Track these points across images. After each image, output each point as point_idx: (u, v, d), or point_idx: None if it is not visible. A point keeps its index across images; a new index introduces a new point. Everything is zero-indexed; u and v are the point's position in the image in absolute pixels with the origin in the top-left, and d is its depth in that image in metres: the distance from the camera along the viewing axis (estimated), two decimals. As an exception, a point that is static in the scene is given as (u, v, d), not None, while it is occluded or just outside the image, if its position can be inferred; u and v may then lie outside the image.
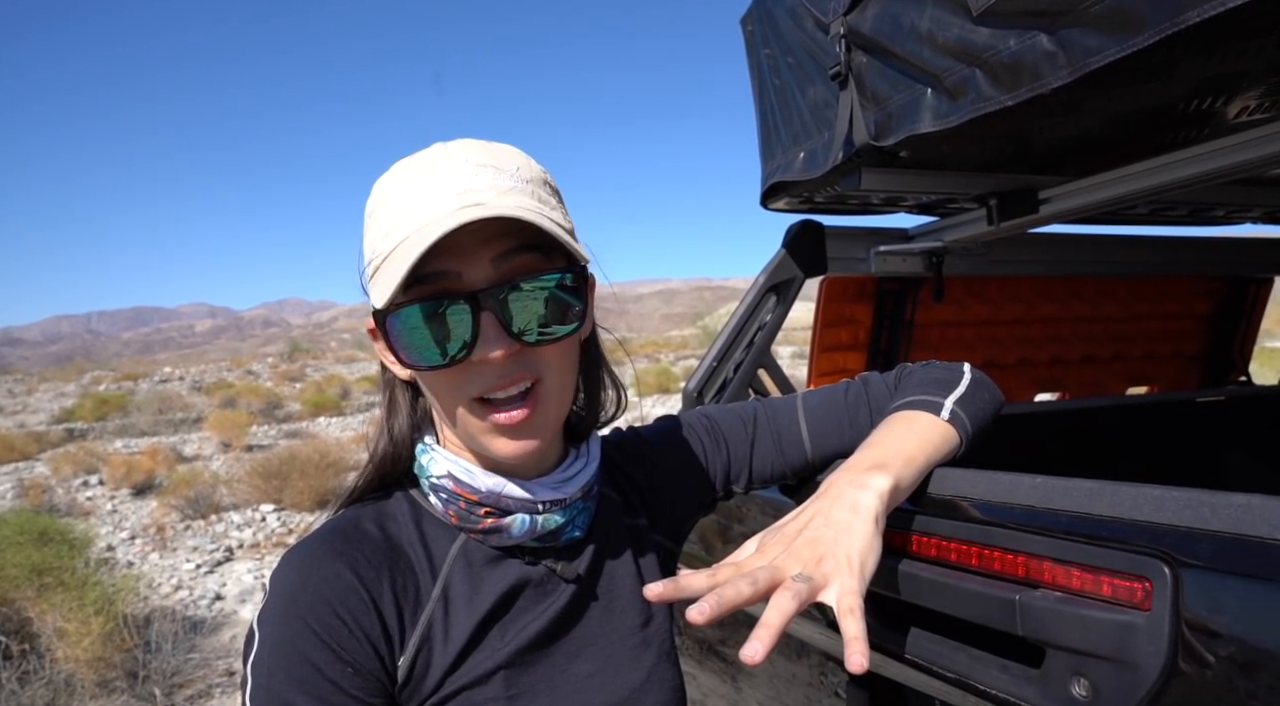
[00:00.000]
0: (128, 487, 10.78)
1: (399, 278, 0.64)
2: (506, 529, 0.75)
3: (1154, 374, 2.62)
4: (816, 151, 1.47)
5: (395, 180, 0.71)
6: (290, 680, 0.66)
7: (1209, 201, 1.92)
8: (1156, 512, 0.65)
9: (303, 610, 0.67)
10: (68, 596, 4.51)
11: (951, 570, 0.82)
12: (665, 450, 0.96)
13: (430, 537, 0.76)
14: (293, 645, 0.67)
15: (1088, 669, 0.67)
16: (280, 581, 0.70)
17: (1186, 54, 1.01)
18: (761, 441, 0.98)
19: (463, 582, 0.75)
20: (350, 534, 0.73)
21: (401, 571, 0.73)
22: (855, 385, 1.04)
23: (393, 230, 0.68)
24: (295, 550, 0.72)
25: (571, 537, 0.80)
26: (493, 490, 0.74)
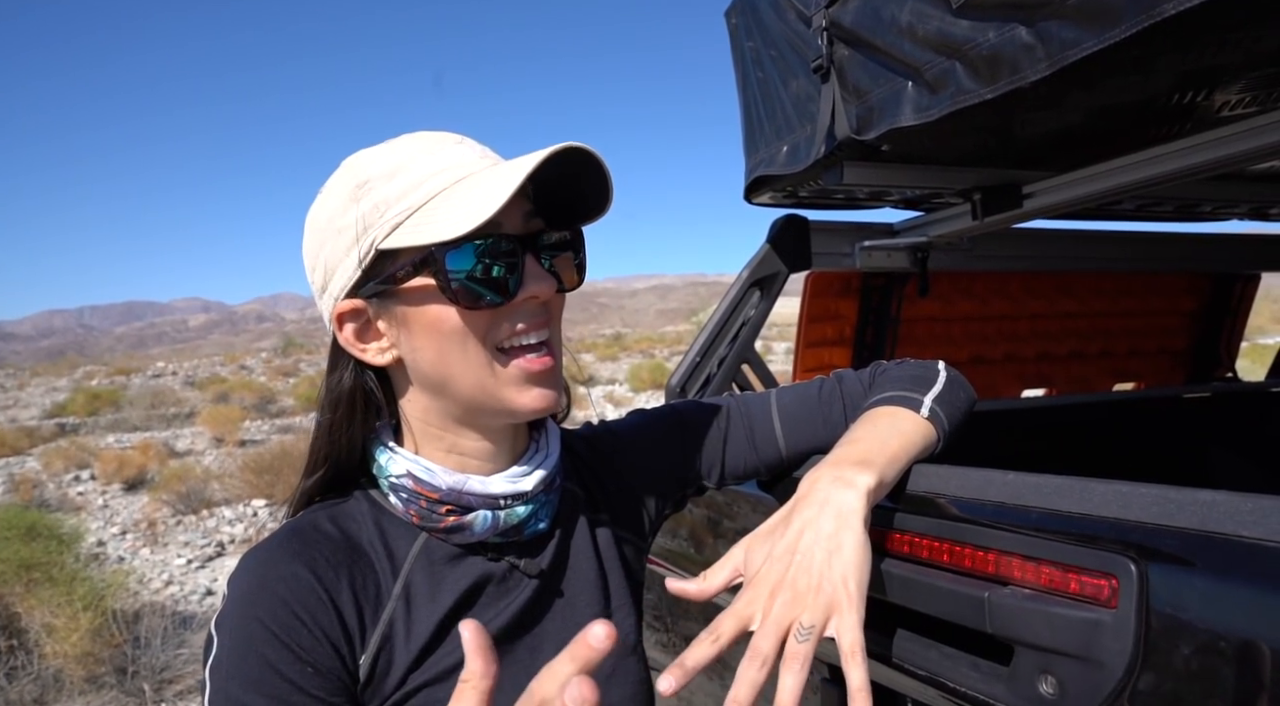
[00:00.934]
0: (119, 483, 10.75)
1: (486, 210, 0.65)
2: (469, 526, 0.75)
3: (1141, 370, 2.62)
4: (799, 145, 1.46)
5: (396, 151, 0.73)
6: (248, 681, 0.65)
7: (1195, 197, 1.92)
8: (1124, 509, 0.64)
9: (260, 611, 0.67)
10: (56, 592, 4.49)
11: (922, 567, 0.81)
12: (634, 444, 0.95)
13: (391, 537, 0.76)
14: (250, 646, 0.66)
15: (1055, 666, 0.66)
16: (237, 584, 0.69)
17: (1165, 47, 1.00)
18: (734, 437, 0.98)
19: (424, 580, 0.74)
20: (308, 534, 0.73)
21: (361, 570, 0.73)
22: (829, 382, 1.03)
23: (425, 182, 0.70)
24: (252, 552, 0.72)
25: (536, 530, 0.79)
26: (454, 488, 0.74)
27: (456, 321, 0.70)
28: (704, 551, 1.58)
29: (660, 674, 0.63)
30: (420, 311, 0.71)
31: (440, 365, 0.73)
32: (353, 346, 0.75)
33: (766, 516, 0.78)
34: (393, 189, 0.70)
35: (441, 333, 0.71)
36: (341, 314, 0.74)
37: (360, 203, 0.71)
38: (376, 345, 0.75)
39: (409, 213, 0.69)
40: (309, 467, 0.78)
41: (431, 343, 0.72)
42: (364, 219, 0.71)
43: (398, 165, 0.71)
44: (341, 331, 0.75)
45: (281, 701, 0.65)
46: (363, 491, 0.78)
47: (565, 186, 0.74)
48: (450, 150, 0.73)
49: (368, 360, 0.75)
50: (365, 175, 0.72)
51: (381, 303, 0.73)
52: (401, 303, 0.72)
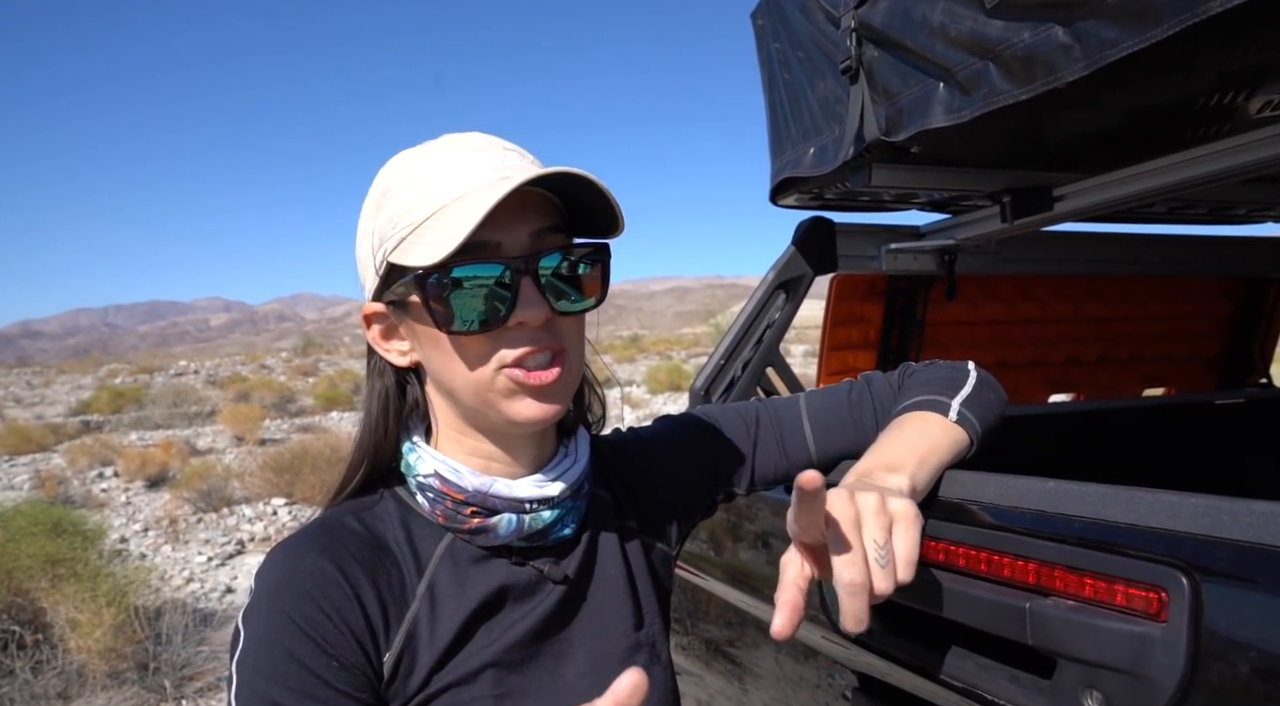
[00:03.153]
0: (141, 480, 10.88)
1: (462, 232, 0.64)
2: (493, 529, 0.74)
3: (1171, 376, 2.58)
4: (827, 147, 1.44)
5: (419, 159, 0.73)
6: (274, 675, 0.65)
7: (1229, 200, 1.89)
8: (1174, 520, 0.63)
9: (286, 605, 0.67)
10: (80, 587, 4.54)
11: (959, 576, 0.80)
12: (662, 451, 0.95)
13: (417, 536, 0.76)
14: (276, 640, 0.66)
15: (1100, 681, 0.64)
16: (264, 578, 0.69)
17: (1207, 47, 0.98)
18: (764, 442, 0.97)
19: (449, 581, 0.74)
20: (334, 530, 0.73)
21: (386, 568, 0.73)
22: (858, 385, 1.02)
23: (431, 196, 0.70)
24: (279, 547, 0.72)
25: (561, 536, 0.79)
26: (479, 490, 0.74)
27: (453, 341, 0.71)
28: (724, 554, 1.57)
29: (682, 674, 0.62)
30: (423, 326, 0.73)
31: (445, 376, 0.74)
32: (379, 345, 0.77)
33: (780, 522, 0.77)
34: (404, 201, 0.71)
35: (442, 348, 0.72)
36: (368, 315, 0.77)
37: (381, 212, 0.73)
38: (398, 347, 0.77)
39: (412, 228, 0.70)
40: (352, 461, 0.78)
41: (435, 354, 0.73)
42: (380, 229, 0.72)
43: (415, 175, 0.72)
44: (369, 331, 0.77)
45: (306, 695, 0.65)
46: (390, 490, 0.79)
47: (587, 202, 0.73)
48: (466, 160, 0.72)
49: (389, 360, 0.77)
50: (389, 183, 0.73)
51: (397, 310, 0.75)
52: (410, 315, 0.74)
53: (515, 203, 0.67)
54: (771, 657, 1.46)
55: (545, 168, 0.68)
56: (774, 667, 1.45)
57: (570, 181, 0.69)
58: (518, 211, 0.69)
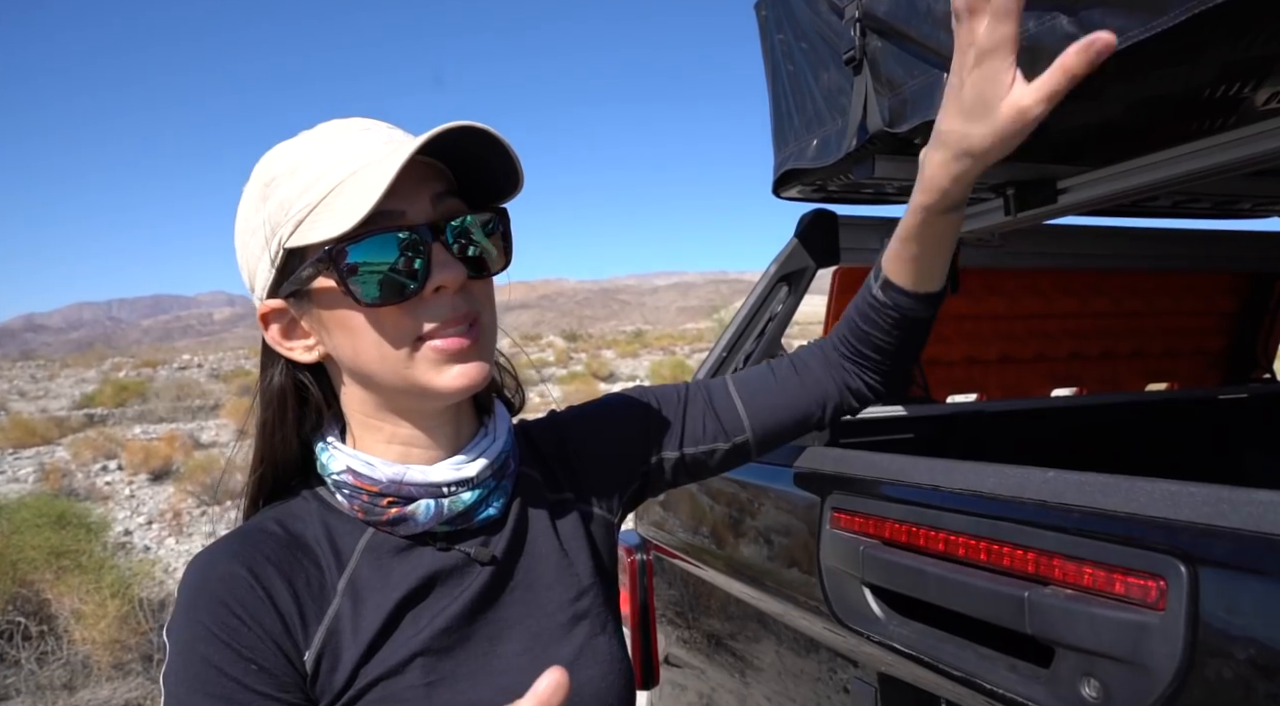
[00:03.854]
0: (145, 473, 10.92)
1: (371, 198, 0.63)
2: (411, 516, 0.74)
3: (1174, 371, 2.57)
4: (830, 138, 1.44)
5: (301, 145, 0.72)
6: (195, 683, 0.66)
7: (1234, 193, 1.88)
8: (1173, 509, 0.62)
9: (201, 613, 0.67)
10: (85, 579, 4.57)
11: (959, 565, 0.80)
12: (596, 421, 0.95)
13: (337, 533, 0.75)
14: (193, 649, 0.66)
15: (1098, 669, 0.64)
16: (183, 589, 0.70)
17: (1214, 37, 0.98)
18: (693, 402, 0.98)
19: (371, 574, 0.74)
20: (250, 535, 0.72)
21: (305, 567, 0.72)
22: (780, 358, 1.07)
23: (323, 177, 0.68)
24: (196, 557, 0.72)
25: (487, 516, 0.78)
26: (393, 479, 0.73)
27: (366, 319, 0.70)
28: (725, 547, 1.57)
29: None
30: (330, 309, 0.71)
31: (360, 360, 0.72)
32: (279, 345, 0.74)
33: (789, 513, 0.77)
34: (295, 185, 0.69)
35: (353, 329, 0.70)
36: (265, 314, 0.74)
37: (268, 202, 0.71)
38: (302, 343, 0.75)
39: (309, 209, 0.68)
40: (251, 468, 0.78)
41: (346, 340, 0.71)
42: (270, 219, 0.70)
43: (300, 160, 0.71)
44: (267, 331, 0.74)
45: (228, 700, 0.65)
46: (310, 490, 0.78)
47: (486, 170, 0.73)
48: (354, 138, 0.71)
49: (295, 358, 0.75)
50: (271, 173, 0.72)
51: (298, 302, 0.73)
52: (314, 303, 0.72)
53: (412, 171, 0.67)
54: (773, 651, 1.46)
55: (439, 127, 0.66)
56: (775, 661, 1.45)
57: (465, 143, 0.68)
58: (417, 179, 0.69)
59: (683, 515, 1.69)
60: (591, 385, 18.52)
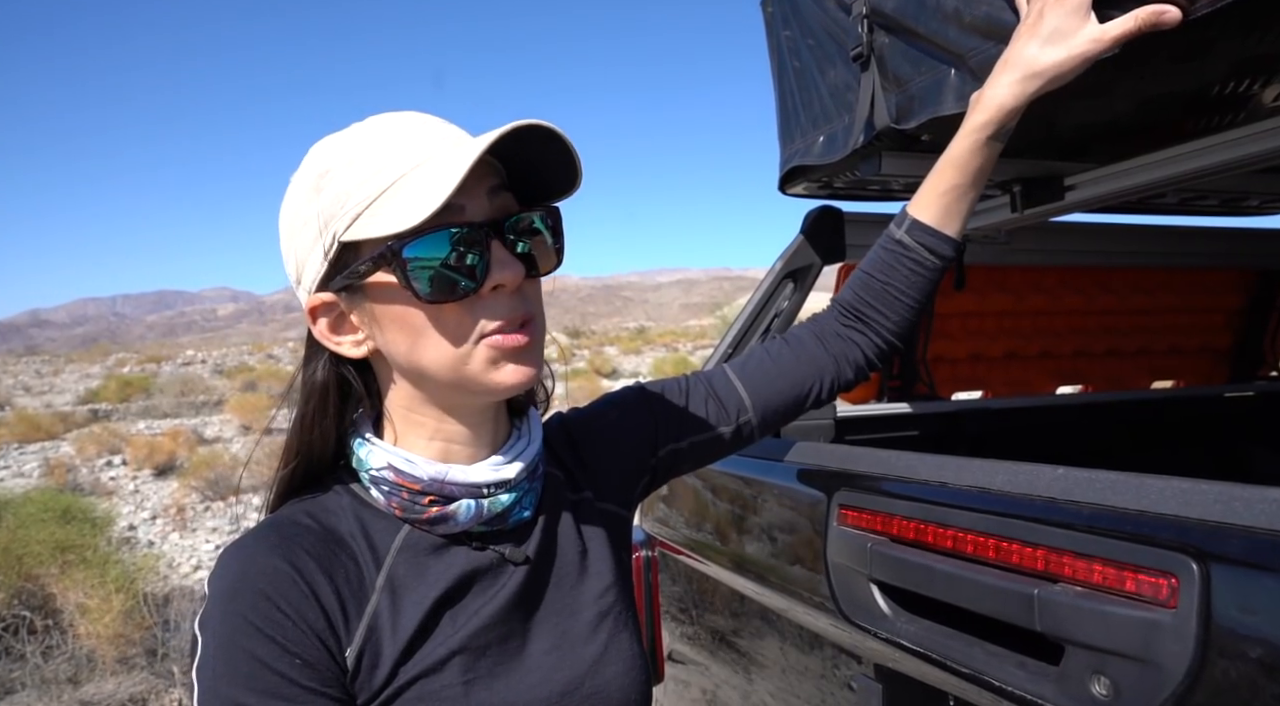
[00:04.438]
0: (149, 468, 10.95)
1: (441, 194, 0.63)
2: (452, 516, 0.73)
3: (1181, 368, 2.56)
4: (836, 135, 1.43)
5: (356, 138, 0.71)
6: (237, 678, 0.64)
7: (1242, 190, 1.87)
8: (1185, 507, 0.62)
9: (242, 607, 0.66)
10: (90, 574, 4.58)
11: (967, 562, 0.79)
12: (606, 417, 0.96)
13: (373, 530, 0.74)
14: (235, 643, 0.65)
15: (1109, 667, 0.64)
16: (217, 582, 0.68)
17: (1225, 32, 0.97)
18: (695, 391, 1.00)
19: (408, 572, 0.73)
20: (285, 528, 0.71)
21: (343, 562, 0.71)
22: (772, 339, 1.08)
23: (383, 171, 0.68)
24: (229, 549, 0.70)
25: (520, 518, 0.78)
26: (435, 478, 0.73)
27: (424, 316, 0.69)
28: (731, 543, 1.57)
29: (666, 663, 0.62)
30: (388, 305, 0.70)
31: (414, 356, 0.71)
32: (328, 340, 0.73)
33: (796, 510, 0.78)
34: (352, 178, 0.68)
35: (411, 326, 0.70)
36: (314, 308, 0.73)
37: (322, 194, 0.70)
38: (351, 338, 0.74)
39: (367, 202, 0.67)
40: (283, 460, 0.76)
41: (402, 336, 0.71)
42: (325, 211, 0.69)
43: (357, 152, 0.70)
44: (315, 324, 0.73)
45: (273, 695, 0.64)
46: (343, 485, 0.77)
47: (536, 168, 0.73)
48: (412, 132, 0.71)
49: (343, 353, 0.74)
50: (326, 165, 0.71)
51: (350, 296, 0.72)
52: (368, 297, 0.71)
53: (470, 170, 0.66)
54: (777, 647, 1.46)
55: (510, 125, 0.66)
56: (779, 657, 1.46)
57: (523, 139, 0.67)
58: (474, 175, 0.68)
59: (688, 511, 1.69)
60: (594, 382, 18.52)
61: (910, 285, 0.99)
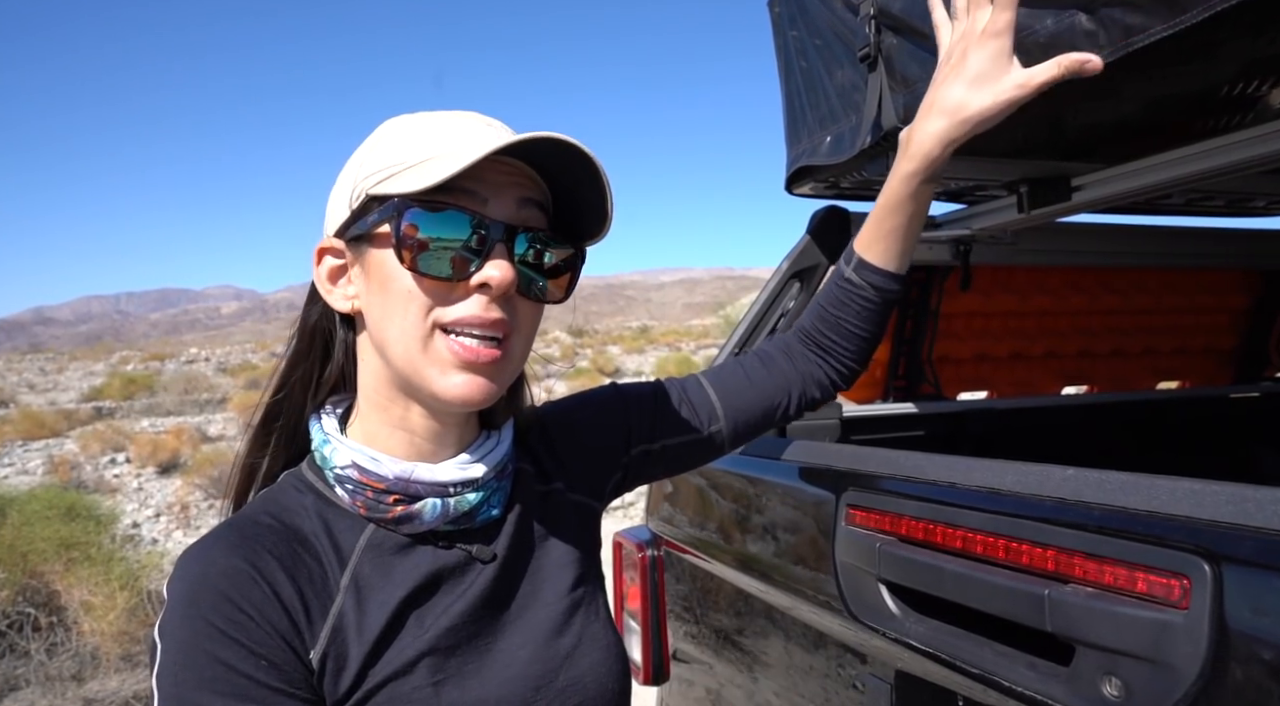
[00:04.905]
0: (153, 466, 10.97)
1: (461, 163, 0.64)
2: (418, 515, 0.73)
3: (1185, 369, 2.56)
4: (843, 135, 1.43)
5: (421, 119, 0.74)
6: (201, 682, 0.63)
7: (1248, 191, 1.87)
8: (1197, 508, 0.62)
9: (204, 609, 0.65)
10: (94, 571, 4.59)
11: (977, 563, 0.80)
12: (578, 412, 0.97)
13: (336, 529, 0.73)
14: (198, 646, 0.64)
15: (1120, 668, 0.64)
16: (176, 585, 0.67)
17: (1234, 33, 0.97)
18: (669, 396, 1.02)
19: (374, 572, 0.72)
20: (245, 528, 0.71)
21: (306, 562, 0.71)
22: (746, 353, 1.13)
23: (428, 145, 0.70)
24: (189, 552, 0.70)
25: (489, 517, 0.78)
26: (400, 477, 0.72)
27: (404, 282, 0.70)
28: (737, 543, 1.57)
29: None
30: (380, 261, 0.71)
31: (382, 324, 0.72)
32: (322, 284, 0.76)
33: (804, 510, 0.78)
34: (398, 146, 0.71)
35: (389, 290, 0.70)
36: (323, 249, 0.75)
37: (370, 154, 0.73)
38: (342, 291, 0.75)
39: (403, 167, 0.70)
40: (269, 402, 0.79)
41: (380, 298, 0.72)
42: (365, 167, 0.72)
43: (413, 129, 0.72)
44: (318, 265, 0.76)
45: (240, 697, 0.63)
46: (305, 484, 0.76)
47: (573, 203, 0.74)
48: (472, 127, 0.72)
49: (331, 302, 0.76)
50: (385, 134, 0.74)
51: (357, 247, 0.74)
52: (370, 246, 0.72)
53: (508, 170, 0.69)
54: (782, 646, 1.46)
55: (546, 132, 0.67)
56: (784, 656, 1.46)
57: (568, 169, 0.69)
58: (509, 179, 0.70)
59: (694, 511, 1.69)
60: (597, 381, 18.54)
61: (862, 318, 1.03)
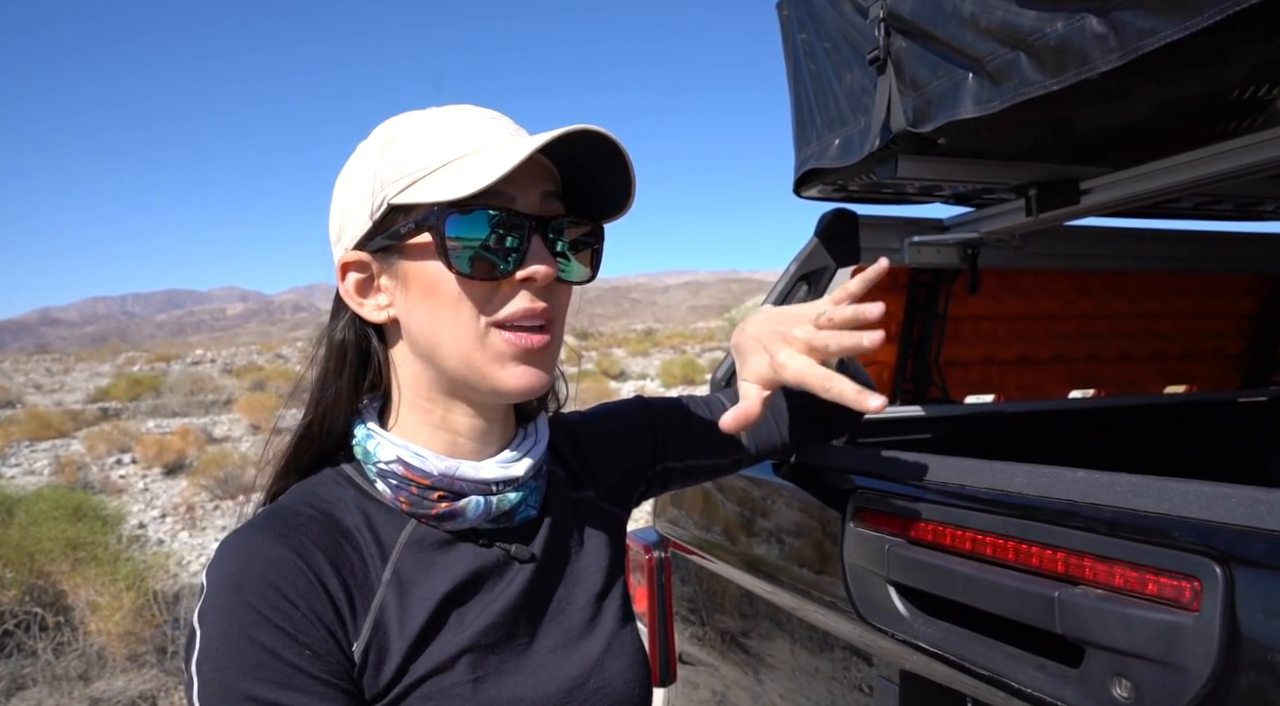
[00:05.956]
0: (159, 467, 11.00)
1: (495, 172, 0.64)
2: (461, 512, 0.73)
3: (1193, 373, 2.55)
4: (852, 138, 1.44)
5: (427, 117, 0.74)
6: (245, 668, 0.62)
7: (1257, 195, 1.86)
8: (1207, 510, 0.62)
9: (248, 597, 0.64)
10: (100, 571, 4.60)
11: (986, 564, 0.80)
12: (609, 423, 0.98)
13: (378, 523, 0.73)
14: (242, 633, 0.63)
15: (1130, 670, 0.64)
16: (219, 571, 0.66)
17: (1245, 37, 0.97)
18: (695, 416, 1.04)
19: (415, 567, 0.72)
20: (289, 518, 0.70)
21: (349, 555, 0.70)
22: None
23: (445, 148, 0.70)
24: (231, 539, 0.69)
25: (526, 517, 0.78)
26: (445, 473, 0.73)
27: (452, 288, 0.70)
28: (745, 545, 1.57)
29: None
30: (420, 271, 0.71)
31: (430, 331, 0.72)
32: (351, 298, 0.74)
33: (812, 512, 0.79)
34: (417, 148, 0.71)
35: (436, 296, 0.70)
36: (347, 264, 0.74)
37: (384, 158, 0.72)
38: (374, 302, 0.74)
39: (425, 172, 0.69)
40: (293, 436, 0.76)
41: (425, 305, 0.71)
42: (382, 173, 0.71)
43: (427, 128, 0.72)
44: (344, 281, 0.74)
45: (282, 685, 0.62)
46: (345, 478, 0.76)
47: (591, 183, 0.75)
48: (482, 123, 0.73)
49: (364, 315, 0.75)
50: (394, 133, 0.73)
51: (385, 258, 0.73)
52: (403, 259, 0.72)
53: (529, 166, 0.69)
54: (787, 649, 1.46)
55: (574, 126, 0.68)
56: (790, 659, 1.46)
57: (583, 152, 0.70)
58: (532, 175, 0.71)
59: (701, 513, 1.69)
60: (602, 383, 18.53)
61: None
